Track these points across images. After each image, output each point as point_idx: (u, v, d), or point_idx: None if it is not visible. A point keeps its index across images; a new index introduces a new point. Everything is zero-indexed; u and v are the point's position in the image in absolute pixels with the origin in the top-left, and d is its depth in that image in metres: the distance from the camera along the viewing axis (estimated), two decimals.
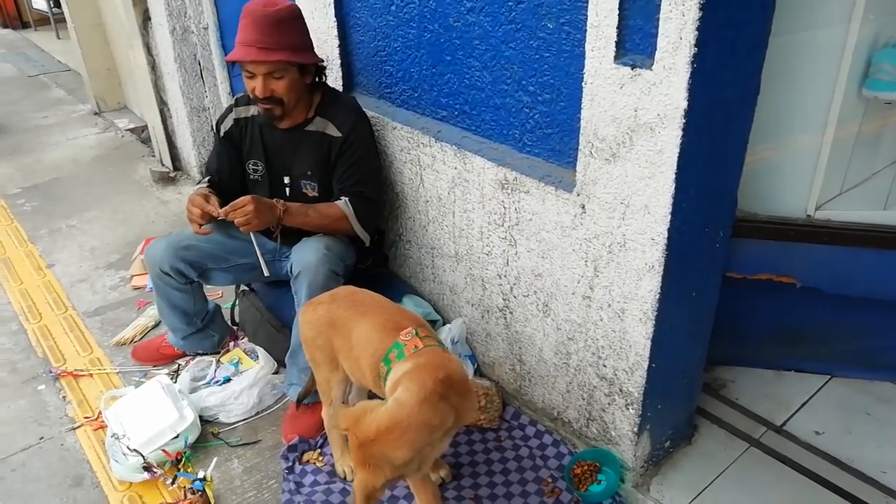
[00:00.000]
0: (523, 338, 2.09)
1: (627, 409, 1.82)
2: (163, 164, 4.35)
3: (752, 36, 1.50)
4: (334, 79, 2.49)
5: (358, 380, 1.85)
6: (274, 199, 2.13)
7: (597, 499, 1.89)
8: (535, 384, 2.13)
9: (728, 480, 1.90)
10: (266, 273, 2.17)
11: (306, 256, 2.08)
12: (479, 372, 2.33)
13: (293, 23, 2.08)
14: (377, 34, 2.30)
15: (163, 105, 4.10)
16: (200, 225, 2.13)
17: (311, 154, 2.22)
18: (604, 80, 1.54)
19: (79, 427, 2.30)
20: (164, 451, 2.06)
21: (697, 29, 1.32)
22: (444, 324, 2.38)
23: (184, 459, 2.07)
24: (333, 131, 2.18)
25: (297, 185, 2.27)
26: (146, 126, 4.66)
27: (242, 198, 2.05)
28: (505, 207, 1.97)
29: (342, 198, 2.20)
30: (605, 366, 1.84)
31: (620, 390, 1.82)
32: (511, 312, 2.11)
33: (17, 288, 3.11)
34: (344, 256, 2.18)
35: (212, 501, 1.95)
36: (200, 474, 1.97)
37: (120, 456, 2.06)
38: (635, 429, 1.83)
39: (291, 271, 2.13)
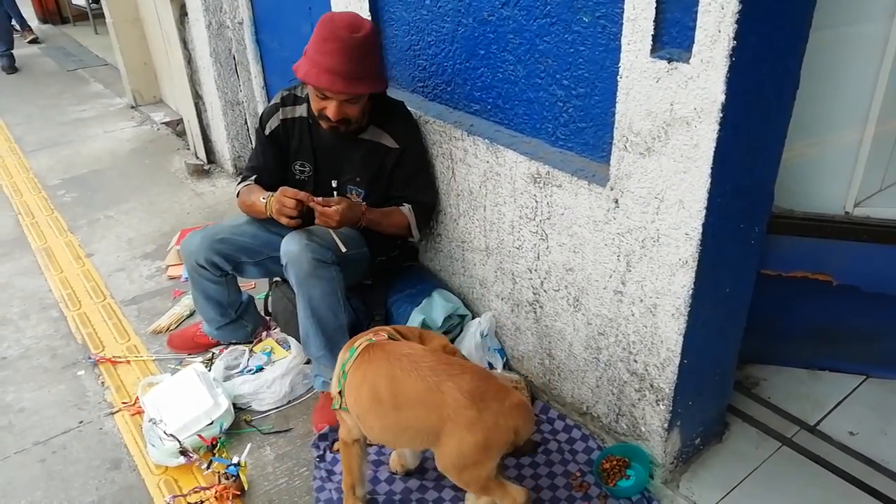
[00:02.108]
0: (553, 332, 2.09)
1: (658, 404, 1.82)
2: (197, 157, 4.42)
3: (793, 29, 1.48)
4: None
5: None
6: (362, 205, 2.16)
7: (625, 494, 1.89)
8: (564, 379, 2.13)
9: (759, 479, 1.89)
10: (343, 250, 2.14)
11: (290, 247, 2.08)
12: (507, 366, 2.33)
13: (375, 49, 2.08)
14: (411, 28, 2.31)
15: (198, 99, 4.16)
16: (292, 217, 2.08)
17: (363, 162, 2.24)
18: (640, 73, 1.53)
19: (117, 412, 2.35)
20: (199, 436, 2.10)
21: (737, 22, 1.30)
22: (473, 318, 2.39)
23: (219, 445, 2.12)
24: (389, 142, 2.21)
25: (343, 189, 2.29)
26: (181, 119, 4.74)
27: (338, 205, 2.05)
28: (537, 201, 1.97)
29: (405, 205, 2.26)
30: (635, 361, 1.84)
31: (651, 386, 1.81)
32: (541, 307, 2.11)
33: (58, 276, 3.19)
34: (330, 245, 2.13)
35: (245, 486, 1.99)
36: (235, 460, 2.01)
37: (157, 440, 2.10)
38: (665, 425, 1.82)
39: (281, 262, 2.13)
